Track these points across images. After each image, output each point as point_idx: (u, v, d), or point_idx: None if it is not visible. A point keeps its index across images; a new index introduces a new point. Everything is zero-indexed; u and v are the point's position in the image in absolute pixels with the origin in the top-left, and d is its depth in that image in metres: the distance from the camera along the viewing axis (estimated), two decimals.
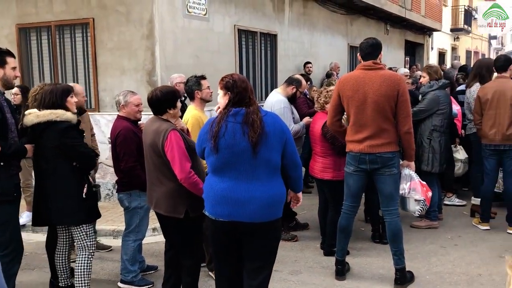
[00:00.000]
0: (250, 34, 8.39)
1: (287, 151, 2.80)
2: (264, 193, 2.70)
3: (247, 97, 2.76)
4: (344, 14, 11.87)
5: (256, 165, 2.69)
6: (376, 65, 3.81)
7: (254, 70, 8.56)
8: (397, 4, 13.98)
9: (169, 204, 3.30)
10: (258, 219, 2.71)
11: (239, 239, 2.82)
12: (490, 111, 4.98)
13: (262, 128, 2.65)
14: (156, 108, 3.37)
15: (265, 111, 2.82)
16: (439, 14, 19.25)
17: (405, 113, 3.74)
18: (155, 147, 3.26)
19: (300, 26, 9.94)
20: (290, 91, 5.00)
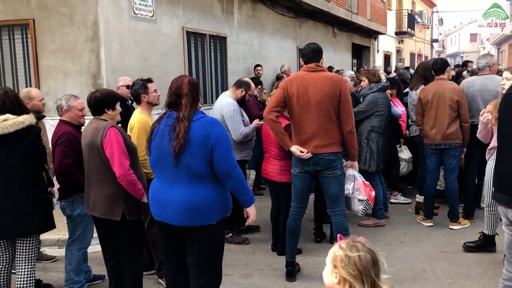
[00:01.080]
0: (199, 36, 8.33)
1: (214, 160, 2.71)
2: (184, 198, 2.72)
3: (179, 101, 2.76)
4: (292, 17, 12.03)
5: (178, 170, 2.72)
6: (319, 67, 3.91)
7: (203, 73, 8.50)
8: (343, 8, 14.33)
9: (105, 205, 3.25)
10: (181, 222, 2.75)
11: (181, 239, 2.87)
12: (430, 112, 5.18)
13: (185, 135, 2.65)
14: (94, 108, 3.37)
15: (201, 115, 2.78)
16: (384, 18, 19.93)
17: (347, 113, 3.83)
18: (93, 145, 3.22)
19: (249, 29, 9.98)
20: (239, 94, 5.00)
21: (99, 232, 3.50)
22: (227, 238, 5.01)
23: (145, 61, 6.84)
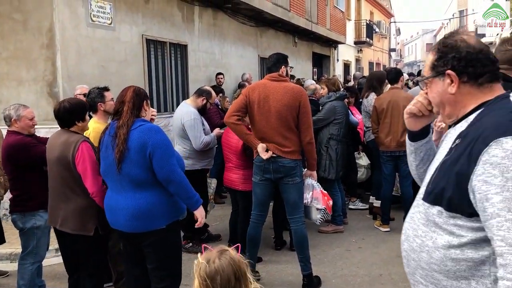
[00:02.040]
0: (159, 44, 8.27)
1: (153, 166, 2.75)
2: (130, 204, 2.79)
3: (121, 109, 2.82)
4: (254, 26, 12.12)
5: (121, 178, 2.78)
6: (281, 77, 3.98)
7: (164, 81, 8.43)
8: (304, 18, 14.56)
9: (77, 221, 3.18)
10: (131, 229, 2.83)
11: (139, 246, 2.93)
12: (385, 120, 5.34)
13: (124, 143, 2.71)
14: (63, 120, 3.26)
15: (141, 123, 2.80)
16: (343, 27, 20.36)
17: (306, 124, 3.91)
18: (63, 160, 3.13)
19: (210, 37, 9.99)
20: (200, 102, 4.99)
21: (64, 248, 3.42)
22: (187, 248, 4.97)
23: (103, 69, 6.73)
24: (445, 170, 1.47)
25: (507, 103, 1.47)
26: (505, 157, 1.30)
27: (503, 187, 1.29)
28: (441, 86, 1.56)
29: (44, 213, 3.58)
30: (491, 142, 1.33)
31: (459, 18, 38.22)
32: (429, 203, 1.51)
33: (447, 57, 1.53)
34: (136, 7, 7.52)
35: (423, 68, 1.62)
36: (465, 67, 1.50)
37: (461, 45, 1.52)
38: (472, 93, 1.52)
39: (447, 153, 1.53)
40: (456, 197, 1.40)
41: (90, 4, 6.46)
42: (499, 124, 1.38)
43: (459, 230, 1.42)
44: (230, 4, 10.10)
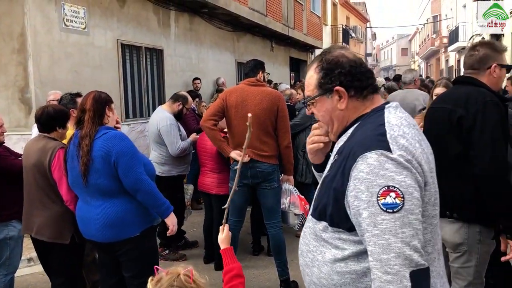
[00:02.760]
0: (135, 49, 8.18)
1: (119, 175, 2.69)
2: (101, 214, 2.73)
3: (83, 118, 2.76)
4: (230, 31, 12.12)
5: (89, 189, 2.73)
6: (259, 82, 3.98)
7: (140, 86, 8.35)
8: (280, 23, 14.63)
9: (54, 229, 3.12)
10: (104, 239, 2.77)
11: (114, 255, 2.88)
12: None
13: (88, 154, 2.65)
14: (44, 125, 3.22)
15: (104, 131, 2.73)
16: (319, 32, 20.54)
17: (284, 128, 3.91)
18: (40, 167, 3.08)
19: (187, 41, 9.95)
20: (176, 107, 4.95)
21: (42, 256, 3.35)
22: (164, 255, 4.91)
23: (77, 74, 6.62)
24: (326, 186, 1.49)
25: (380, 116, 1.47)
26: (370, 172, 1.31)
27: (369, 203, 1.30)
28: (329, 103, 1.55)
29: (17, 223, 3.50)
30: (358, 157, 1.35)
31: (433, 23, 39.00)
32: (316, 219, 1.52)
33: (333, 73, 1.52)
34: (111, 11, 7.43)
35: (307, 88, 1.60)
36: (352, 81, 1.51)
37: (343, 60, 1.53)
38: (356, 107, 1.54)
39: (329, 169, 1.54)
40: (336, 213, 1.41)
41: (63, 8, 6.36)
42: (366, 139, 1.39)
43: (342, 243, 1.43)
44: (207, 8, 10.08)
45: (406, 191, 1.30)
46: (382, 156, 1.32)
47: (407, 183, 1.31)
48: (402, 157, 1.33)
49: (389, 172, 1.30)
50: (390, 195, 1.29)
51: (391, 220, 1.28)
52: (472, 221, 2.48)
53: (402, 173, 1.31)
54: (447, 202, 2.54)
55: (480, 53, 2.55)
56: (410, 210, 1.29)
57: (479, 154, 2.35)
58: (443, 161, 2.54)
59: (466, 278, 2.58)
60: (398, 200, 1.28)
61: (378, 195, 1.30)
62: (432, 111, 2.72)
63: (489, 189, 2.35)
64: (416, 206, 1.31)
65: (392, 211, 1.28)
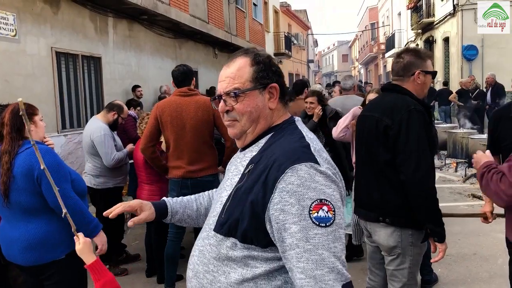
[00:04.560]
0: (71, 57, 7.89)
1: (43, 192, 2.54)
2: (21, 235, 2.56)
3: (2, 132, 2.59)
4: (172, 37, 11.98)
5: (11, 208, 2.56)
6: (191, 91, 3.92)
7: (76, 95, 8.05)
8: (223, 30, 14.64)
9: None
10: (26, 262, 2.57)
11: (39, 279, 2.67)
12: None
13: (8, 172, 2.49)
14: None
15: (27, 146, 2.59)
16: (262, 39, 20.76)
17: (225, 129, 3.89)
18: None
19: (126, 48, 9.72)
20: (111, 117, 4.80)
21: None
22: None
23: (7, 83, 6.29)
24: (239, 199, 1.37)
25: (295, 129, 1.46)
26: (301, 184, 1.26)
27: (300, 216, 1.24)
28: (261, 100, 1.46)
29: None
30: (286, 169, 1.28)
31: (371, 30, 40.46)
32: (222, 235, 1.39)
33: (271, 69, 1.47)
34: (44, 18, 7.13)
35: (234, 80, 1.45)
36: (281, 82, 1.49)
37: (273, 61, 1.50)
38: (279, 111, 1.50)
39: (240, 180, 1.43)
40: (252, 228, 1.32)
41: None
42: (293, 150, 1.34)
43: (253, 261, 1.34)
44: (146, 15, 9.91)
45: (336, 205, 1.27)
46: (312, 168, 1.28)
47: (335, 197, 1.28)
48: (329, 170, 1.32)
49: (319, 185, 1.27)
50: (322, 209, 1.25)
51: (324, 234, 1.24)
52: (404, 225, 2.55)
53: (331, 187, 1.29)
54: (380, 208, 2.61)
55: (404, 61, 2.64)
56: (339, 224, 1.27)
57: (404, 162, 2.43)
58: (374, 168, 2.61)
59: (401, 279, 2.66)
60: (330, 214, 1.25)
61: (310, 209, 1.24)
62: (362, 119, 2.79)
63: (414, 196, 2.43)
64: (343, 220, 1.30)
65: (325, 225, 1.24)
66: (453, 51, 17.07)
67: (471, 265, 4.66)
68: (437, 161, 10.39)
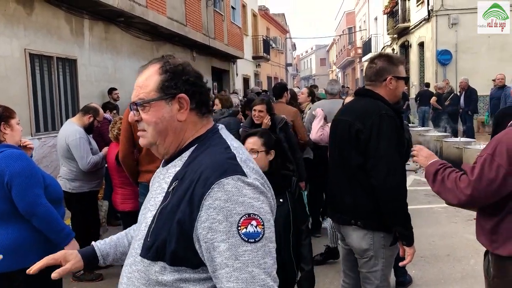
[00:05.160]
0: (45, 59, 7.76)
1: (14, 198, 2.49)
2: None
3: None
4: (149, 40, 11.90)
5: None
6: None
7: (51, 98, 7.91)
8: (201, 33, 14.61)
9: None
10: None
11: None
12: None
13: None
14: None
15: (4, 149, 2.54)
16: (240, 43, 20.77)
17: None
18: None
19: (102, 50, 9.61)
20: (86, 120, 4.73)
21: None
22: (78, 276, 4.66)
23: None
24: (165, 219, 1.28)
25: (220, 138, 1.39)
26: (228, 199, 1.19)
27: (228, 233, 1.18)
28: (168, 111, 1.36)
29: None
30: (213, 184, 1.20)
31: (348, 35, 40.95)
32: (150, 260, 1.29)
33: (180, 79, 1.37)
34: (17, 19, 7.00)
35: (141, 89, 1.39)
36: (195, 93, 1.38)
37: (190, 69, 1.40)
38: (195, 123, 1.40)
39: (164, 198, 1.34)
40: (181, 249, 1.24)
41: None
42: (218, 163, 1.26)
43: (186, 284, 1.27)
44: (123, 17, 9.82)
45: (265, 218, 1.22)
46: (239, 181, 1.22)
47: (264, 210, 1.23)
48: (257, 181, 1.26)
49: (248, 199, 1.21)
50: (251, 224, 1.19)
51: (253, 250, 1.19)
52: (376, 228, 2.59)
53: (259, 199, 1.23)
54: (352, 211, 2.64)
55: (377, 66, 2.68)
56: (269, 238, 1.23)
57: (375, 167, 2.46)
58: (347, 171, 2.64)
59: (373, 282, 2.69)
60: (259, 228, 1.20)
61: (238, 225, 1.18)
62: (336, 123, 2.82)
63: (384, 200, 2.47)
64: (273, 233, 1.25)
65: (254, 241, 1.19)
66: (428, 55, 17.41)
67: (444, 266, 4.74)
68: (412, 164, 10.55)
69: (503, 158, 2.06)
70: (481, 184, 2.10)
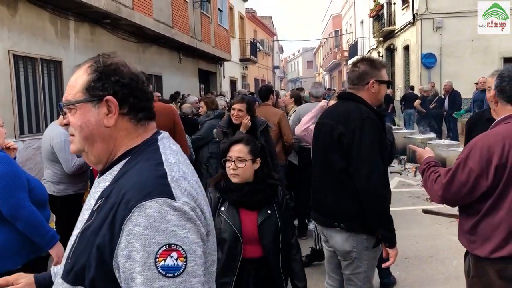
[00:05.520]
0: (30, 61, 7.69)
1: None
2: None
3: None
4: (135, 42, 11.85)
5: None
6: None
7: (36, 100, 7.84)
8: (188, 35, 14.59)
9: None
10: None
11: None
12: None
13: None
14: None
15: None
16: (227, 45, 20.79)
17: (181, 141, 3.89)
18: None
19: (88, 52, 9.52)
20: None
21: None
22: None
23: None
24: (86, 241, 1.15)
25: (155, 151, 1.23)
26: (148, 226, 1.06)
27: (145, 265, 1.05)
28: (94, 115, 1.23)
29: None
30: (134, 207, 1.07)
31: (335, 38, 41.21)
32: (69, 284, 1.17)
33: (109, 80, 1.23)
34: (1, 20, 6.93)
35: (69, 90, 1.27)
36: (128, 96, 1.24)
37: (124, 70, 1.26)
38: (128, 130, 1.26)
39: (89, 217, 1.20)
40: (100, 277, 1.10)
41: None
42: (143, 183, 1.12)
43: None
44: (109, 19, 9.78)
45: (189, 249, 1.08)
46: (165, 205, 1.08)
47: (190, 239, 1.09)
48: (187, 205, 1.12)
49: (171, 226, 1.07)
50: (171, 256, 1.06)
51: (171, 286, 1.05)
52: (359, 230, 2.62)
53: (185, 227, 1.09)
54: (335, 214, 2.67)
55: (359, 70, 2.71)
56: (193, 272, 1.08)
57: (358, 170, 2.49)
58: (330, 174, 2.67)
59: (356, 283, 2.72)
60: (180, 261, 1.06)
61: (156, 256, 1.05)
62: (319, 126, 2.85)
63: (367, 202, 2.50)
64: (199, 266, 1.11)
65: (173, 276, 1.05)
66: (413, 59, 17.60)
67: (427, 268, 4.80)
68: (397, 165, 10.66)
69: (475, 162, 2.15)
70: (452, 187, 2.22)
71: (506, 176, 2.11)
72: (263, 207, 2.49)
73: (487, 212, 2.18)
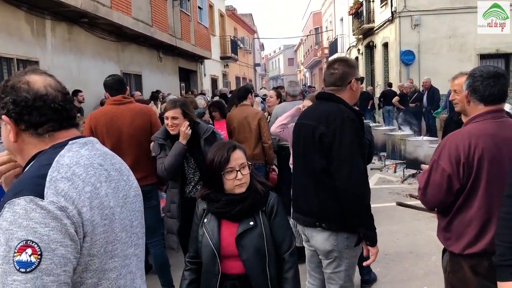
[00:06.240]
0: (5, 61, 7.55)
1: None
2: None
3: None
4: (114, 41, 11.71)
5: None
6: (126, 99, 3.88)
7: None
8: (167, 33, 14.48)
9: None
10: None
11: None
12: (239, 136, 5.45)
13: None
14: None
15: None
16: (208, 43, 20.70)
17: None
18: None
19: (65, 52, 9.41)
20: None
21: None
22: None
23: None
24: None
25: (54, 154, 1.28)
26: (13, 221, 1.12)
27: (5, 259, 1.11)
28: (4, 130, 1.34)
29: None
30: (5, 203, 1.15)
31: (315, 35, 41.38)
32: None
33: (6, 99, 1.30)
34: None
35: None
36: (21, 114, 1.30)
37: (23, 87, 1.30)
38: (32, 143, 1.33)
39: None
40: None
41: None
42: (20, 181, 1.22)
43: None
44: (87, 18, 9.64)
45: (46, 247, 1.12)
46: (31, 203, 1.14)
47: (50, 238, 1.13)
48: (53, 204, 1.16)
49: (33, 223, 1.12)
50: (26, 252, 1.10)
51: (22, 282, 1.09)
52: (339, 229, 2.64)
53: (48, 225, 1.14)
54: (316, 213, 2.69)
55: (340, 71, 2.72)
56: (47, 270, 1.12)
57: (338, 170, 2.51)
58: (311, 174, 2.68)
59: (337, 282, 2.75)
60: (33, 258, 1.11)
61: (15, 251, 1.10)
62: (299, 127, 2.86)
63: (348, 201, 2.53)
64: (58, 265, 1.14)
65: (25, 271, 1.10)
66: (392, 56, 17.79)
67: (407, 263, 4.87)
68: (377, 162, 10.78)
69: (446, 162, 2.20)
70: (429, 190, 2.28)
71: (474, 174, 2.15)
72: (246, 218, 2.19)
73: (458, 210, 2.24)
